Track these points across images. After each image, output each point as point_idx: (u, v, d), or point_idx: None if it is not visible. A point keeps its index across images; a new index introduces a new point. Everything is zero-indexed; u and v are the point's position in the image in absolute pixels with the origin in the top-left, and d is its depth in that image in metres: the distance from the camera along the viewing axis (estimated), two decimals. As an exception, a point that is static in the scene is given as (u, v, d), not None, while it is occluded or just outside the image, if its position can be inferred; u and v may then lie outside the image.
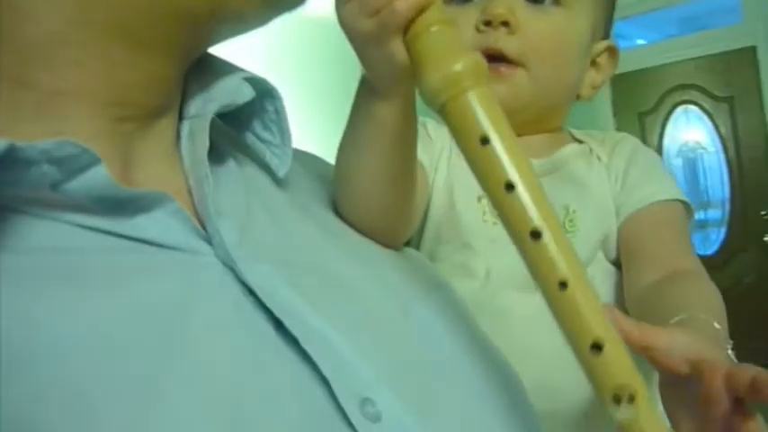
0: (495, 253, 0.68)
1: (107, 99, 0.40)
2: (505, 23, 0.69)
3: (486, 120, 0.41)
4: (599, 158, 0.75)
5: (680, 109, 4.29)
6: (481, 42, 0.69)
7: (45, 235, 0.36)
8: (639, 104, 4.36)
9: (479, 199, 0.71)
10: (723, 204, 4.23)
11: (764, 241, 4.03)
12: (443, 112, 0.42)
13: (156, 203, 0.40)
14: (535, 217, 0.40)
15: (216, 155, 0.47)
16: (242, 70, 0.48)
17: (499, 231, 0.68)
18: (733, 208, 4.18)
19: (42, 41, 0.38)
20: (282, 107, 0.49)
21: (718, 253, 4.24)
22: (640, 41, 4.57)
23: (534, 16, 0.71)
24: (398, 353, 0.44)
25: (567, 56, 0.74)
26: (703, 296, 0.62)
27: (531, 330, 0.66)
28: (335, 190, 0.57)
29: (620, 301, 0.68)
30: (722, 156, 4.19)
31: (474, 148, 0.41)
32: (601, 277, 0.70)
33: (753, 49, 3.94)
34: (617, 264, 0.71)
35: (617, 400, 0.38)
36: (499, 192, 0.41)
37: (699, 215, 4.32)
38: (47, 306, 0.33)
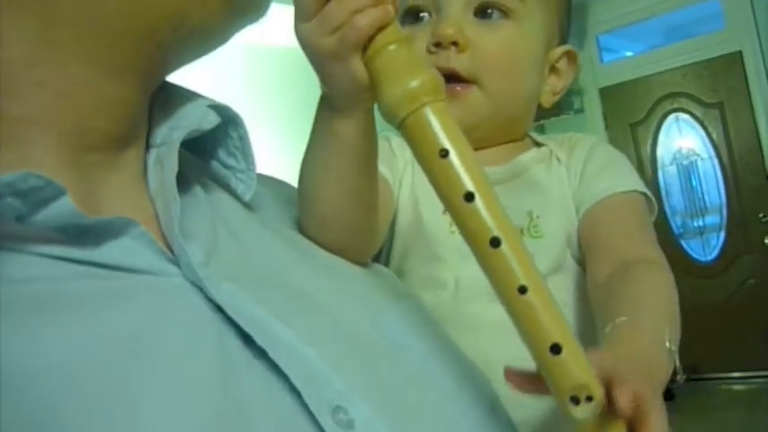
0: (463, 264, 0.68)
1: (70, 127, 0.40)
2: (455, 43, 0.70)
3: (444, 133, 0.42)
4: (558, 160, 0.75)
5: (671, 117, 4.31)
6: (432, 63, 0.68)
7: (12, 266, 0.36)
8: (630, 115, 4.39)
9: (444, 211, 0.71)
10: (720, 209, 4.23)
11: (765, 244, 4.04)
12: (403, 128, 0.44)
13: (122, 229, 0.40)
14: (494, 226, 0.42)
15: (182, 182, 0.47)
16: (205, 98, 0.48)
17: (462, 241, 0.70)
18: (730, 212, 4.19)
19: (7, 64, 0.38)
20: (246, 133, 0.50)
21: (718, 258, 4.25)
22: (628, 53, 4.61)
23: (483, 32, 0.71)
24: (368, 362, 0.44)
25: (519, 68, 0.74)
26: (653, 291, 0.63)
27: (501, 339, 0.66)
28: (300, 210, 0.58)
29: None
30: (716, 161, 4.21)
31: (433, 160, 0.42)
32: (572, 282, 0.70)
33: (739, 54, 3.98)
34: (584, 264, 0.72)
35: (575, 400, 0.38)
36: (459, 202, 0.42)
37: (697, 221, 4.32)
38: (17, 336, 0.33)
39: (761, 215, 4.04)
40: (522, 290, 0.41)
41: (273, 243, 0.51)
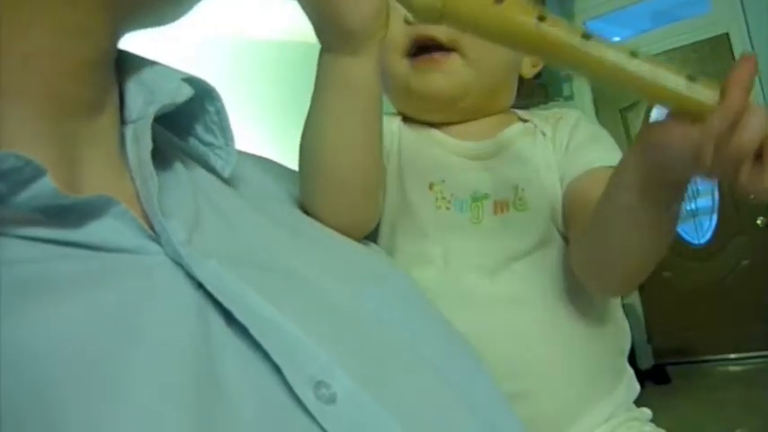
0: (450, 238, 0.69)
1: (40, 93, 0.40)
2: None
3: None
4: (543, 134, 0.75)
5: (660, 101, 4.32)
6: (411, 33, 0.71)
7: None
8: (620, 100, 4.39)
9: (431, 186, 0.71)
10: (712, 192, 4.25)
11: (757, 224, 4.06)
12: (445, 12, 0.48)
13: (103, 208, 0.40)
14: (574, 26, 0.47)
15: (162, 159, 0.47)
16: (180, 72, 0.48)
17: (453, 216, 0.70)
18: (722, 195, 4.20)
19: None
20: (223, 107, 0.50)
21: (711, 240, 4.26)
22: (615, 38, 4.61)
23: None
24: (352, 337, 0.44)
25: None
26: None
27: (494, 312, 0.67)
28: (307, 178, 0.59)
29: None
30: (706, 144, 4.21)
31: (488, 10, 0.47)
32: (558, 256, 0.70)
33: (726, 36, 3.99)
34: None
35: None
36: (531, 28, 0.46)
37: (689, 205, 4.33)
38: (1, 318, 0.33)
39: (752, 196, 4.04)
40: (633, 54, 0.48)
41: (256, 219, 0.51)
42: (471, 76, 0.72)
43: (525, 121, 0.78)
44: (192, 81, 0.47)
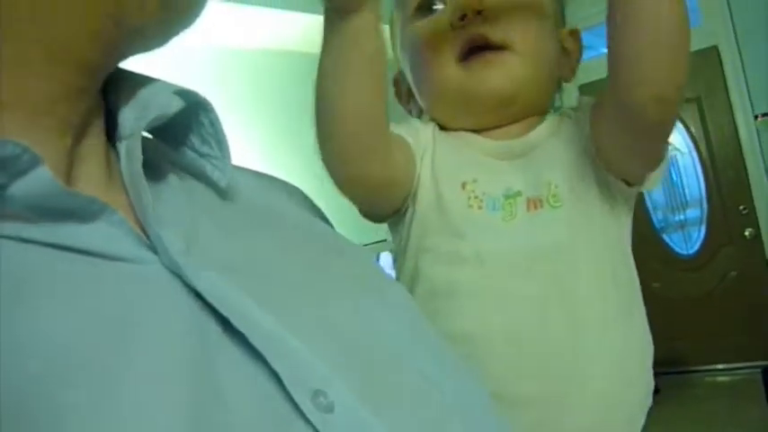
0: (484, 238, 0.69)
1: (36, 109, 0.39)
2: (479, 12, 0.70)
3: None
4: (569, 117, 0.76)
5: (650, 113, 4.34)
6: (462, 35, 0.71)
7: None
8: (610, 112, 4.41)
9: (463, 186, 0.72)
10: (701, 203, 4.27)
11: (745, 236, 4.08)
12: None
13: (99, 214, 0.39)
14: None
15: (157, 172, 0.47)
16: (171, 84, 0.48)
17: (485, 216, 0.70)
18: (711, 206, 4.23)
19: None
20: (217, 118, 0.49)
21: (700, 251, 4.28)
22: (605, 50, 4.63)
23: (507, 8, 0.72)
24: (350, 348, 0.44)
25: (544, 28, 0.75)
26: None
27: (529, 311, 0.67)
28: (317, 123, 0.64)
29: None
30: (695, 155, 4.24)
31: None
32: (593, 254, 0.70)
33: (715, 49, 4.02)
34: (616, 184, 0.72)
35: None
36: None
37: (678, 215, 4.36)
38: None
39: (741, 207, 4.08)
40: None
41: (254, 232, 0.51)
42: (526, 70, 0.73)
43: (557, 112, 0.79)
44: (184, 93, 0.47)
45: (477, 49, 0.71)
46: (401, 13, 0.78)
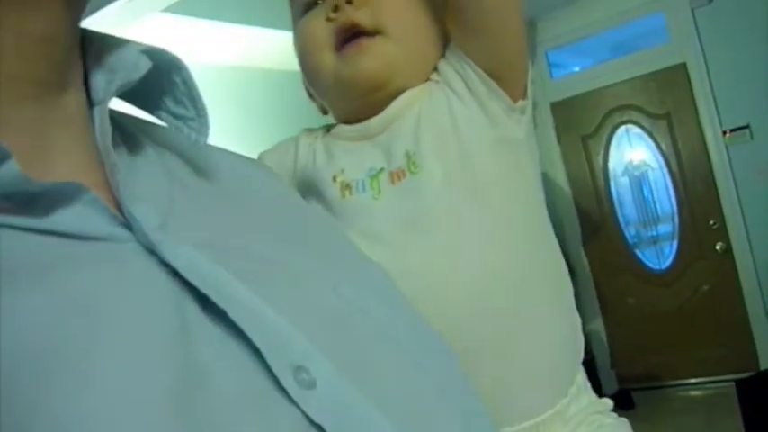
0: (362, 222, 0.69)
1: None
2: (350, 1, 0.72)
3: None
4: (437, 82, 0.75)
5: (621, 129, 4.40)
6: (335, 25, 0.72)
7: None
8: (581, 128, 4.46)
9: (334, 179, 0.72)
10: (672, 218, 4.32)
11: (717, 250, 4.13)
12: None
13: (71, 195, 0.38)
14: None
15: (135, 145, 0.47)
16: (138, 43, 0.46)
17: (357, 200, 0.70)
18: (682, 221, 4.28)
19: None
20: (189, 76, 0.48)
21: (672, 266, 4.33)
22: (576, 68, 4.70)
23: None
24: (330, 323, 0.44)
25: (417, 11, 0.75)
26: None
27: (421, 282, 0.66)
28: None
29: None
30: (666, 171, 4.30)
31: None
32: (479, 213, 0.70)
33: (683, 66, 4.09)
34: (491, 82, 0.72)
35: None
36: None
37: (650, 231, 4.40)
38: None
39: (711, 222, 4.13)
40: None
41: (233, 207, 0.50)
42: (400, 54, 0.73)
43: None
44: (152, 52, 0.46)
45: (351, 38, 0.72)
46: (291, 7, 0.80)
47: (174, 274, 0.39)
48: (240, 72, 3.32)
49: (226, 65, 3.29)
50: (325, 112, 0.82)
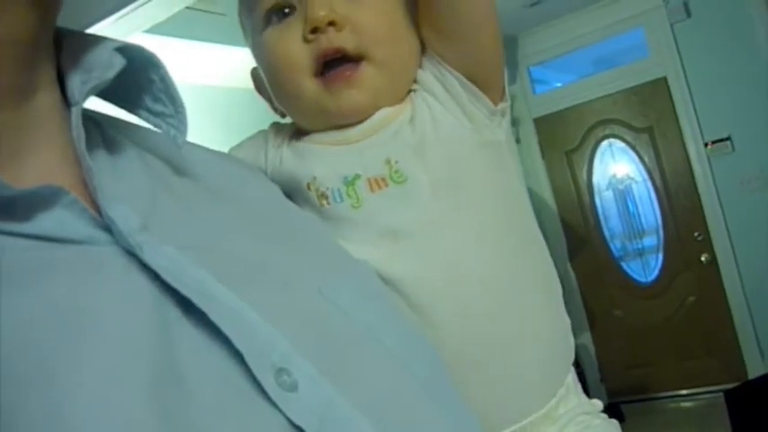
0: (344, 231, 0.67)
1: None
2: (332, 23, 0.68)
3: None
4: (416, 91, 0.73)
5: (604, 143, 4.43)
6: (316, 49, 0.68)
7: None
8: (565, 143, 4.49)
9: (308, 186, 0.70)
10: (657, 231, 4.34)
11: (702, 261, 4.15)
12: None
13: (51, 198, 0.38)
14: None
15: (115, 144, 0.46)
16: (113, 41, 0.45)
17: (335, 209, 0.68)
18: (667, 233, 4.30)
19: None
20: (166, 73, 0.47)
21: (659, 278, 4.34)
22: (559, 84, 4.73)
23: (354, 6, 0.69)
24: (313, 325, 0.44)
25: (400, 31, 0.72)
26: None
27: (424, 294, 0.65)
28: None
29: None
30: (650, 184, 4.32)
31: None
32: (462, 225, 0.69)
33: (664, 80, 4.13)
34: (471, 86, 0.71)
35: None
36: None
37: (636, 244, 4.42)
38: None
39: (696, 234, 4.15)
40: None
41: (216, 206, 0.50)
42: (385, 80, 0.70)
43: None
44: (126, 49, 0.45)
45: (333, 62, 0.69)
46: (250, 16, 0.74)
47: (156, 276, 0.38)
48: (224, 93, 3.32)
49: (209, 85, 3.29)
50: (284, 116, 0.78)
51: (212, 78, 3.28)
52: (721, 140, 3.99)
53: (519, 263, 0.70)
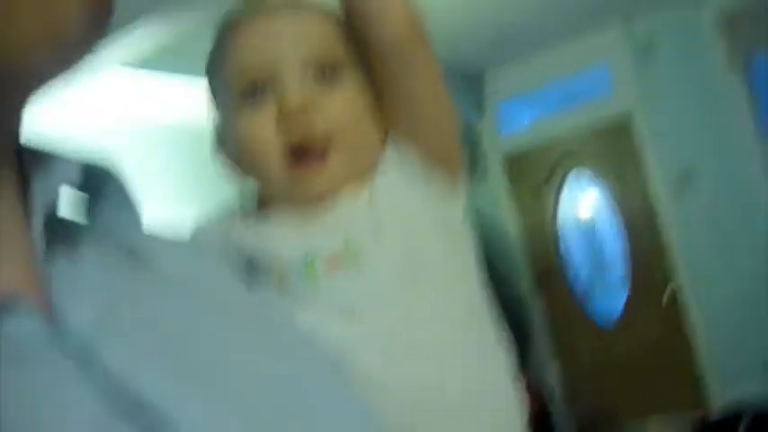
0: (306, 312, 0.68)
1: None
2: (304, 109, 0.70)
3: None
4: (376, 171, 0.75)
5: (570, 179, 4.49)
6: (287, 134, 0.71)
7: None
8: (533, 178, 4.53)
9: (269, 265, 0.71)
10: (622, 266, 4.38)
11: (665, 297, 4.17)
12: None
13: (8, 308, 0.38)
14: None
15: (74, 241, 0.47)
16: (71, 162, 0.46)
17: (296, 290, 0.69)
18: (633, 269, 4.33)
19: None
20: (124, 184, 0.49)
21: (623, 313, 4.38)
22: (525, 120, 4.78)
23: (326, 91, 0.72)
24: (260, 425, 0.44)
25: (366, 116, 0.75)
26: None
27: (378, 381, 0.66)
28: None
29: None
30: (614, 220, 4.37)
31: None
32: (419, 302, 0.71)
33: (628, 115, 4.19)
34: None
35: None
36: None
37: (600, 279, 4.46)
38: None
39: (659, 270, 4.19)
40: None
41: (174, 300, 0.50)
42: (350, 166, 0.73)
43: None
44: (89, 168, 0.47)
45: (301, 151, 0.71)
46: (223, 94, 0.77)
47: (110, 374, 0.39)
48: (198, 129, 3.30)
49: (184, 120, 3.27)
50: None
51: (187, 113, 3.26)
52: (685, 177, 4.05)
53: (470, 336, 0.73)
